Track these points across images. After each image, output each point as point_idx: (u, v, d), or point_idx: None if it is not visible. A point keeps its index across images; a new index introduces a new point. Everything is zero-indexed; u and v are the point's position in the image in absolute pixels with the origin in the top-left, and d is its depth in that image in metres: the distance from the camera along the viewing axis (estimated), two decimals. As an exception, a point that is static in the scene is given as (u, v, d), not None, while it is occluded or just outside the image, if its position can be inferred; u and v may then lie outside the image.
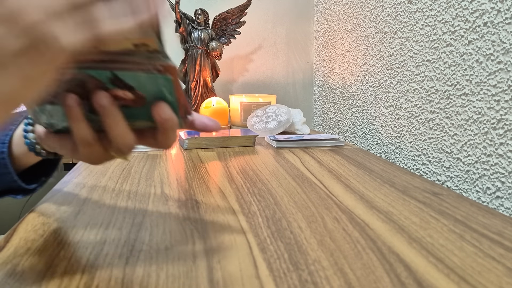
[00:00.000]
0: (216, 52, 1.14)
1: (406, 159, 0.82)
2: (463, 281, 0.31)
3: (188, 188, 0.54)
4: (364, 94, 1.00)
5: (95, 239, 0.37)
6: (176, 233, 0.39)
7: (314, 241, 0.37)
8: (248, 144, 0.85)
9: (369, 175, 0.61)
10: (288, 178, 0.59)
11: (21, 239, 0.37)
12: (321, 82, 1.29)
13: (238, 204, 0.48)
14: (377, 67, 0.93)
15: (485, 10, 0.60)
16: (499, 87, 0.58)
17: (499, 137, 0.58)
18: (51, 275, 0.31)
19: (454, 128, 0.68)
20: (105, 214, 0.44)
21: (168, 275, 0.31)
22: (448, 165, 0.69)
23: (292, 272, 0.32)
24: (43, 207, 0.46)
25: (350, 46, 1.07)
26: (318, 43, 1.31)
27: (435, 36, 0.72)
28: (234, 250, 0.35)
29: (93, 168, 0.64)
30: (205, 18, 1.16)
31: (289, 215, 0.44)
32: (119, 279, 0.30)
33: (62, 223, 0.41)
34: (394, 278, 0.31)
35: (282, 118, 0.97)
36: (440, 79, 0.71)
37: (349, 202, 0.49)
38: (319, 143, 0.86)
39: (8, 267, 0.32)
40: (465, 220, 0.43)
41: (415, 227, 0.41)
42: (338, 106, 1.16)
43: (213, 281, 0.30)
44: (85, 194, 0.51)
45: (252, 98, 1.13)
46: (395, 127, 0.86)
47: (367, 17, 0.96)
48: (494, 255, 0.35)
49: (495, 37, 0.58)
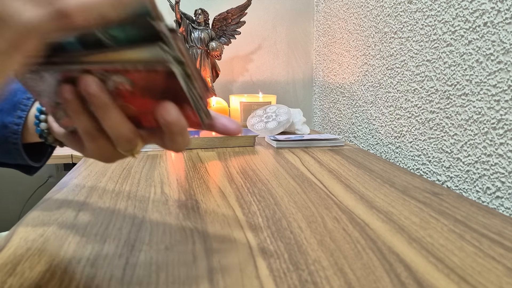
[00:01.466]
0: (216, 52, 1.14)
1: (406, 159, 0.82)
2: (463, 281, 0.31)
3: (188, 188, 0.54)
4: (364, 94, 1.00)
5: (95, 239, 0.37)
6: (176, 233, 0.39)
7: (314, 241, 0.37)
8: (248, 144, 0.85)
9: (369, 175, 0.61)
10: (288, 178, 0.59)
11: (21, 239, 0.37)
12: (321, 82, 1.29)
13: (238, 204, 0.48)
14: (377, 67, 0.93)
15: (485, 10, 0.60)
16: (499, 87, 0.58)
17: (499, 137, 0.58)
18: (51, 275, 0.31)
19: (454, 128, 0.68)
20: (105, 214, 0.44)
21: (168, 275, 0.31)
22: (448, 165, 0.69)
23: (292, 272, 0.32)
24: (43, 207, 0.46)
25: (350, 46, 1.07)
26: (318, 43, 1.31)
27: (435, 36, 0.72)
28: (234, 250, 0.35)
29: (93, 168, 0.64)
30: (205, 18, 1.16)
31: (289, 215, 0.44)
32: (119, 279, 0.30)
33: (62, 223, 0.41)
34: (394, 278, 0.31)
35: (282, 118, 0.97)
36: (440, 79, 0.71)
37: (349, 202, 0.49)
38: (319, 143, 0.86)
39: (8, 267, 0.32)
40: (465, 220, 0.43)
41: (415, 227, 0.41)
42: (338, 106, 1.16)
43: (213, 281, 0.30)
44: (85, 194, 0.51)
45: (252, 98, 1.13)
46: (395, 127, 0.86)
47: (367, 17, 0.96)
48: (494, 255, 0.35)
49: (495, 37, 0.58)
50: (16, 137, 0.38)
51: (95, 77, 0.26)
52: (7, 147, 0.39)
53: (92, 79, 0.26)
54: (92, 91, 0.26)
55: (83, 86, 0.26)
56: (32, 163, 0.42)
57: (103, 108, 0.27)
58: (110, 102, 0.27)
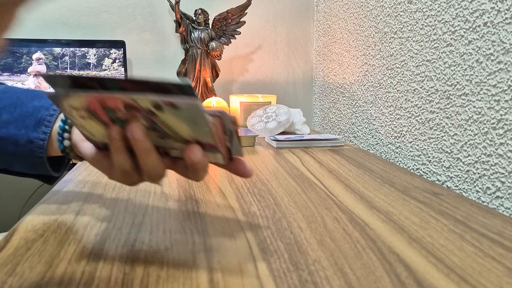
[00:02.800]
0: (216, 52, 1.14)
1: (406, 159, 0.82)
2: (463, 281, 0.31)
3: (188, 188, 0.54)
4: (364, 94, 1.00)
5: (95, 239, 0.37)
6: (176, 233, 0.39)
7: (314, 241, 0.37)
8: (248, 144, 0.85)
9: (369, 175, 0.61)
10: (288, 178, 0.59)
11: (21, 239, 0.37)
12: (321, 82, 1.29)
13: (238, 204, 0.48)
14: (377, 67, 0.93)
15: (485, 10, 0.60)
16: (499, 87, 0.58)
17: (499, 137, 0.58)
18: (51, 275, 0.31)
19: (454, 128, 0.68)
20: (105, 214, 0.44)
21: (168, 275, 0.31)
22: (448, 165, 0.69)
23: (292, 272, 0.32)
24: (43, 207, 0.46)
25: (350, 46, 1.07)
26: (318, 43, 1.31)
27: (435, 36, 0.72)
28: (234, 250, 0.35)
29: (93, 168, 0.64)
30: (205, 18, 1.16)
31: (289, 215, 0.44)
32: (119, 279, 0.30)
33: (62, 223, 0.41)
34: (394, 278, 0.31)
35: (282, 118, 0.97)
36: (440, 79, 0.71)
37: (349, 202, 0.49)
38: (319, 143, 0.86)
39: (8, 267, 0.32)
40: (465, 220, 0.43)
41: (415, 227, 0.41)
42: (338, 106, 1.16)
43: (213, 281, 0.30)
44: (85, 194, 0.51)
45: (252, 98, 1.13)
46: (395, 127, 0.86)
47: (367, 17, 0.96)
48: (494, 255, 0.35)
49: (495, 37, 0.58)
50: (41, 151, 0.41)
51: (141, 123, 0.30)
52: (32, 160, 0.42)
53: (137, 125, 0.30)
54: (137, 137, 0.30)
55: (131, 131, 0.30)
56: (54, 173, 0.45)
57: (145, 152, 0.31)
58: (151, 147, 0.31)
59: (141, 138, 0.30)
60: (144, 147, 0.31)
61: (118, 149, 0.32)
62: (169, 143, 0.32)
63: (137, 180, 0.35)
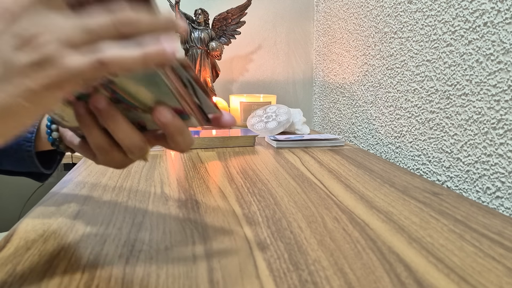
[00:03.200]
0: (216, 52, 1.14)
1: (406, 159, 0.82)
2: (463, 281, 0.31)
3: (188, 188, 0.54)
4: (364, 94, 1.00)
5: (95, 239, 0.37)
6: (176, 233, 0.39)
7: (314, 241, 0.37)
8: (248, 144, 0.85)
9: (369, 175, 0.61)
10: (288, 178, 0.59)
11: (21, 239, 0.37)
12: (321, 82, 1.29)
13: (238, 204, 0.48)
14: (377, 67, 0.93)
15: (485, 10, 0.60)
16: (499, 87, 0.58)
17: (499, 137, 0.58)
18: (51, 275, 0.31)
19: (454, 128, 0.68)
20: (105, 214, 0.44)
21: (168, 275, 0.31)
22: (448, 165, 0.69)
23: (292, 272, 0.32)
24: (43, 207, 0.46)
25: (350, 46, 1.07)
26: (318, 43, 1.31)
27: (435, 36, 0.72)
28: (234, 250, 0.35)
29: (93, 168, 0.64)
30: (205, 18, 1.16)
31: (289, 215, 0.44)
32: (119, 279, 0.30)
33: (62, 223, 0.41)
34: (394, 278, 0.31)
35: (282, 118, 0.97)
36: (440, 79, 0.71)
37: (349, 202, 0.49)
38: (319, 143, 0.86)
39: (8, 267, 0.32)
40: (465, 220, 0.43)
41: (415, 227, 0.41)
42: (338, 106, 1.16)
43: (213, 281, 0.30)
44: (85, 194, 0.51)
45: (252, 98, 1.13)
46: (395, 127, 0.86)
47: (367, 17, 0.96)
48: (494, 255, 0.35)
49: (495, 37, 0.58)
50: (29, 145, 0.41)
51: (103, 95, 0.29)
52: (20, 155, 0.42)
53: (99, 96, 0.29)
54: (101, 106, 0.29)
55: (92, 103, 0.29)
56: (43, 170, 0.45)
57: (113, 121, 0.30)
58: (119, 115, 0.30)
59: (105, 106, 0.29)
60: (110, 115, 0.30)
61: (88, 126, 0.31)
62: (138, 115, 0.31)
63: (120, 158, 0.33)
